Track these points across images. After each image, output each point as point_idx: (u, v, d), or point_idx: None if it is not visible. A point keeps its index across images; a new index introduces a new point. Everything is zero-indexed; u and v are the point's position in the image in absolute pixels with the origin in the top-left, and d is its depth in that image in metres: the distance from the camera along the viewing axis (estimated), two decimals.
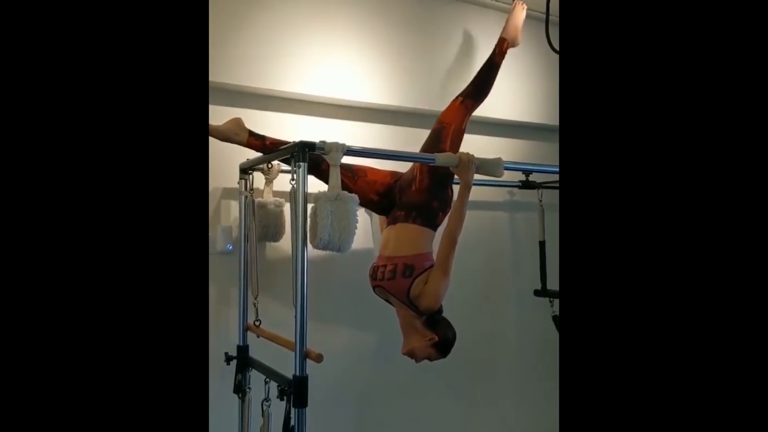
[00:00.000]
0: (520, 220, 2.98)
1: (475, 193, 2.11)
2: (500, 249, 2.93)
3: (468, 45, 2.69)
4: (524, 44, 2.84)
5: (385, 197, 2.05)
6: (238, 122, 1.94)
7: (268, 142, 1.94)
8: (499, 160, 1.96)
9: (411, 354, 1.91)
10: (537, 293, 2.72)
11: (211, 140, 1.90)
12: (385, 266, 1.93)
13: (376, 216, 2.39)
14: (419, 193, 1.97)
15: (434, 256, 1.92)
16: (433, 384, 2.57)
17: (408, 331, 1.92)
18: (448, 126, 2.13)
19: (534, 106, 2.87)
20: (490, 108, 2.75)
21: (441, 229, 1.93)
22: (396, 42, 2.47)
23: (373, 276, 1.98)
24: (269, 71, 2.18)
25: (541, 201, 2.71)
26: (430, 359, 1.91)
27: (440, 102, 2.58)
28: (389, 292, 1.93)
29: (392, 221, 2.01)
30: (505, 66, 2.80)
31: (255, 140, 1.94)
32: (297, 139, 1.68)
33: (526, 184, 2.67)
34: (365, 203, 2.01)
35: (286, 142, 1.88)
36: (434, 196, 1.97)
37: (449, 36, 2.64)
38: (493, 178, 2.03)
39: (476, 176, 1.92)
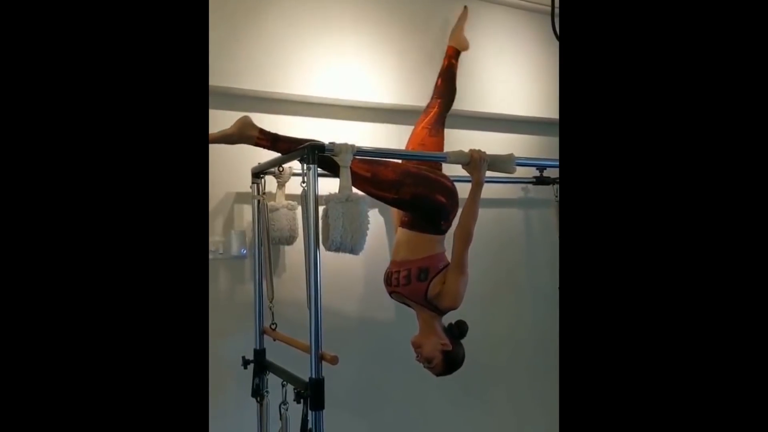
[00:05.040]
0: (534, 216, 2.95)
1: (489, 191, 2.09)
2: (515, 246, 2.90)
3: (477, 42, 2.67)
4: (535, 39, 2.83)
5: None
6: (245, 121, 1.90)
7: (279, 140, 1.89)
8: (511, 156, 1.94)
9: (418, 345, 1.91)
10: None
11: (223, 146, 1.91)
12: (398, 272, 1.94)
13: (389, 215, 2.38)
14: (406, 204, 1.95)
15: (448, 255, 1.92)
16: (450, 387, 2.55)
17: (426, 331, 1.92)
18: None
19: (547, 101, 2.84)
20: (503, 104, 2.74)
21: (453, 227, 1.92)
22: (405, 41, 2.46)
23: (388, 282, 1.99)
24: (279, 75, 2.18)
25: (556, 197, 2.68)
26: (431, 364, 1.89)
27: None
28: (406, 297, 1.94)
29: (401, 224, 2.03)
30: (517, 62, 2.79)
31: (264, 139, 1.89)
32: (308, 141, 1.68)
33: (541, 180, 2.64)
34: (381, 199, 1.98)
35: (296, 140, 1.86)
36: (423, 205, 1.93)
37: None
38: (507, 175, 2.01)
39: (489, 173, 1.90)
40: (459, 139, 2.57)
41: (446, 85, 2.30)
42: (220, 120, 1.95)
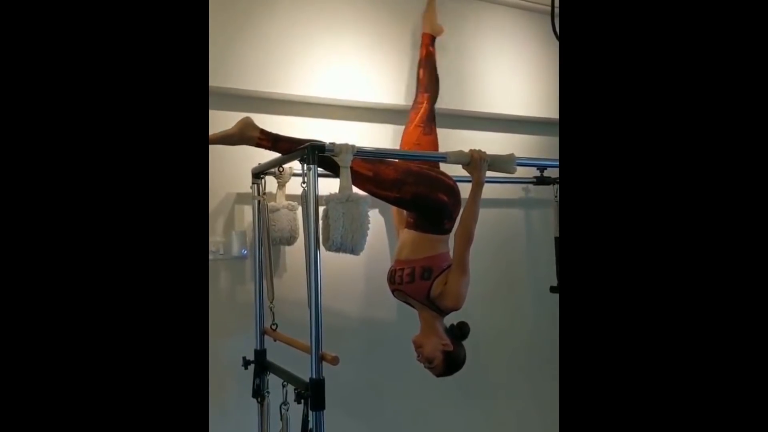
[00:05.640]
0: (535, 216, 2.95)
1: (490, 191, 2.09)
2: (515, 246, 2.90)
3: (477, 42, 2.67)
4: (535, 39, 2.83)
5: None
6: (246, 122, 1.89)
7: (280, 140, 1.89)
8: (511, 156, 1.94)
9: (419, 345, 1.91)
10: (553, 290, 2.69)
11: (224, 146, 1.91)
12: (402, 270, 1.94)
13: (390, 215, 2.38)
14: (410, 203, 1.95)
15: (451, 255, 1.92)
16: (450, 387, 2.55)
17: (427, 331, 1.92)
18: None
19: (547, 101, 2.84)
20: (503, 104, 2.74)
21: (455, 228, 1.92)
22: (405, 41, 2.46)
23: (391, 280, 1.99)
24: (280, 75, 2.18)
25: (556, 197, 2.68)
26: (432, 364, 1.90)
27: (450, 100, 2.57)
28: (409, 296, 1.93)
29: (407, 225, 2.03)
30: (517, 62, 2.79)
31: (265, 140, 1.88)
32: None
33: (541, 180, 2.64)
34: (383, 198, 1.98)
35: (296, 140, 1.85)
36: (426, 204, 1.93)
37: (458, 34, 2.62)
38: (507, 175, 2.01)
39: (490, 173, 1.90)
40: (459, 139, 2.57)
41: (429, 75, 2.29)
42: (221, 120, 1.95)
